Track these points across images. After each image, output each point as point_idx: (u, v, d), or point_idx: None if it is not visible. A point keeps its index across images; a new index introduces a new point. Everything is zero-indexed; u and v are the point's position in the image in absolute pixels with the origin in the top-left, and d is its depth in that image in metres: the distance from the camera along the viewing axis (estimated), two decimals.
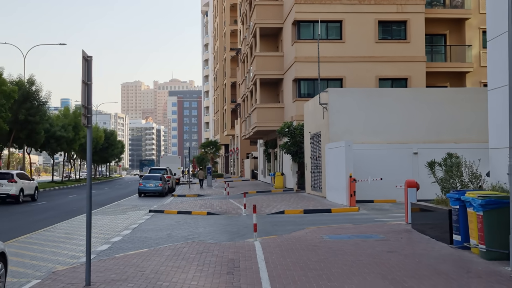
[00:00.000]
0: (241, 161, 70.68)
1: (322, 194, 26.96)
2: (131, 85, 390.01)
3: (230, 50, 78.97)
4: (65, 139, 54.33)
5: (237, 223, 18.25)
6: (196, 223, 18.43)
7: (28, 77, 41.93)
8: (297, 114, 35.39)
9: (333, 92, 25.82)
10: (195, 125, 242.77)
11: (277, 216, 19.92)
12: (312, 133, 29.16)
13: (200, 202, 27.34)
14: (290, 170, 36.66)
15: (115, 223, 19.33)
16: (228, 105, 78.07)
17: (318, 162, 27.88)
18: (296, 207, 22.05)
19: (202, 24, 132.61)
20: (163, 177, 38.58)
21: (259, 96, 40.92)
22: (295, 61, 35.41)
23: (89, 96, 8.49)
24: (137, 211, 24.81)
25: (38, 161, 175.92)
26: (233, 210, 22.62)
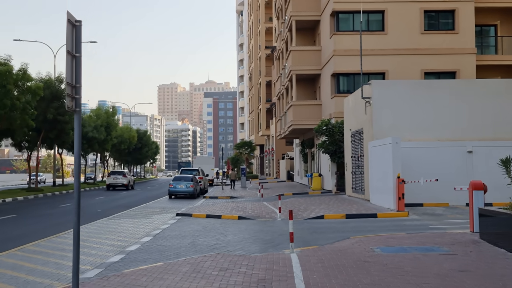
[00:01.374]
0: (277, 162, 68.59)
1: (364, 196, 24.67)
2: (167, 87, 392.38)
3: (265, 48, 76.97)
4: (96, 140, 53.24)
5: (271, 229, 16.21)
6: (225, 229, 16.46)
7: (62, 77, 40.81)
8: (336, 111, 33.12)
9: (376, 84, 23.52)
10: (230, 126, 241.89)
11: (316, 222, 17.79)
12: (353, 130, 26.89)
13: (231, 205, 25.41)
14: (328, 171, 34.41)
15: (136, 229, 17.53)
16: (263, 105, 76.09)
17: (360, 162, 25.61)
18: (337, 211, 19.86)
19: (237, 24, 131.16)
20: (195, 178, 36.83)
21: (295, 93, 38.78)
22: (333, 55, 33.15)
23: (78, 72, 6.59)
24: (164, 214, 23.03)
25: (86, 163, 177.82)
26: (267, 214, 20.58)
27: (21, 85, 31.60)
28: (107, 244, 13.85)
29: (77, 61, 6.61)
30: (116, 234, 16.05)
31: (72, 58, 6.57)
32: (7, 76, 29.24)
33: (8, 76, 29.41)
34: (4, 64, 29.65)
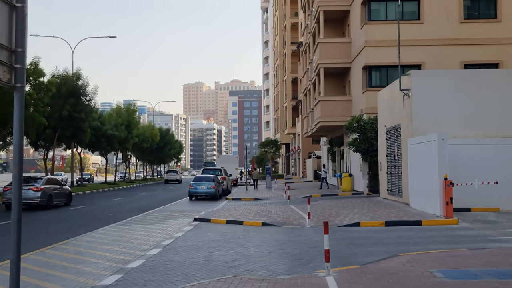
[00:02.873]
0: (303, 161, 66.22)
1: (402, 199, 22.23)
2: (192, 86, 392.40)
3: (290, 44, 74.73)
4: (116, 138, 51.52)
5: (300, 239, 13.96)
6: (247, 239, 14.27)
7: (79, 72, 39.14)
8: (367, 106, 30.68)
9: (417, 75, 21.04)
10: (255, 125, 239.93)
11: (352, 230, 15.47)
12: (389, 126, 24.46)
13: (255, 208, 23.21)
14: (359, 171, 31.97)
15: (146, 237, 15.45)
16: (289, 102, 73.83)
17: (396, 161, 23.16)
18: (374, 217, 17.50)
19: (262, 21, 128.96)
20: (217, 178, 34.70)
21: (323, 88, 36.40)
22: (365, 46, 30.69)
23: (19, 31, 4.43)
24: (181, 219, 20.94)
25: (100, 162, 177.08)
26: (294, 220, 18.32)
27: (33, 80, 29.81)
28: (107, 259, 11.78)
29: (19, 14, 4.48)
30: (121, 244, 13.97)
31: (10, 10, 4.44)
32: None
33: None
34: None
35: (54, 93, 37.07)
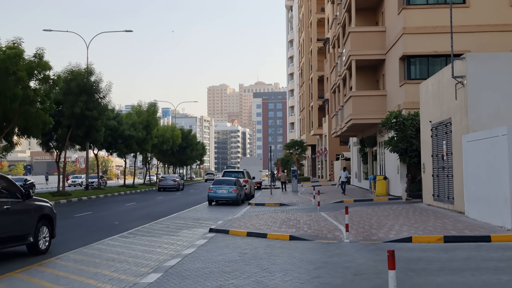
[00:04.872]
0: (330, 163, 62.96)
1: (454, 207, 18.98)
2: (217, 88, 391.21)
3: (316, 41, 71.64)
4: (134, 139, 48.94)
5: (339, 260, 10.90)
6: (271, 259, 11.26)
7: (91, 67, 36.63)
8: (406, 101, 27.44)
9: (473, 59, 17.77)
10: (280, 127, 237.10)
11: (403, 247, 12.33)
12: (435, 122, 21.22)
13: (281, 216, 20.19)
14: (396, 173, 28.70)
15: (149, 254, 12.57)
16: (315, 102, 70.65)
17: (445, 162, 19.91)
18: (427, 230, 14.33)
19: (286, 20, 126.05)
20: (238, 181, 31.75)
21: (354, 82, 33.21)
22: (403, 33, 27.45)
23: None
24: (195, 229, 18.05)
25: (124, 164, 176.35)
26: (328, 232, 15.25)
27: (37, 74, 27.25)
28: (91, 286, 8.92)
29: None
30: (114, 266, 11.10)
31: None
32: (16, 60, 24.88)
33: (18, 60, 25.05)
34: (13, 48, 25.34)
35: (65, 90, 34.69)
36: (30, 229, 12.19)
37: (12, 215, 11.62)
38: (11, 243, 11.67)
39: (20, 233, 11.88)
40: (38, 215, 12.56)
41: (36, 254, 12.40)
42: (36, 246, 12.36)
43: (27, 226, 12.12)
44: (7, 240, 11.49)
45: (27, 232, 12.10)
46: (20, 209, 11.99)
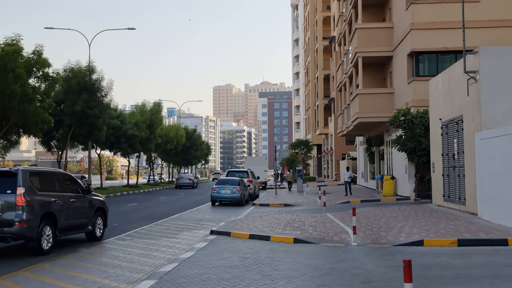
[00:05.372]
0: (336, 162, 62.18)
1: (466, 208, 18.20)
2: (222, 88, 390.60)
3: (322, 39, 70.89)
4: (138, 138, 48.29)
5: (346, 266, 10.17)
6: (274, 264, 10.54)
7: (92, 65, 35.98)
8: (414, 98, 26.66)
9: (486, 53, 16.99)
10: (285, 127, 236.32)
11: (415, 252, 11.59)
12: (445, 120, 20.45)
13: (286, 217, 19.47)
14: (404, 173, 27.92)
15: (145, 259, 11.88)
16: (321, 101, 69.88)
17: (457, 161, 19.14)
18: (439, 233, 13.58)
19: (292, 19, 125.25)
20: (242, 181, 31.06)
21: (361, 79, 32.44)
22: (411, 29, 26.68)
23: None
24: (196, 230, 17.38)
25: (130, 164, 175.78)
26: (334, 234, 14.51)
27: (36, 71, 26.62)
28: None
29: None
30: (106, 271, 10.42)
31: None
32: (14, 57, 24.25)
33: (16, 57, 24.42)
34: (12, 45, 24.71)
35: (66, 88, 34.11)
36: (89, 219, 14.48)
37: (76, 207, 13.84)
38: (77, 231, 14.02)
39: (82, 223, 14.13)
40: (95, 207, 14.86)
41: (93, 241, 14.66)
42: (93, 234, 14.69)
43: (87, 217, 14.39)
44: (74, 228, 13.80)
45: (87, 221, 14.37)
46: (82, 202, 14.22)
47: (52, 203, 12.72)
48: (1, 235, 11.82)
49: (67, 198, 13.44)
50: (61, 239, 14.63)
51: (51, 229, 12.60)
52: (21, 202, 11.76)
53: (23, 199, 11.79)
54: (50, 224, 12.59)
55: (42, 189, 12.62)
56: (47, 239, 12.45)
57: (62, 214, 13.04)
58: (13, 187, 11.90)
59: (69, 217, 13.35)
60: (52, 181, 13.33)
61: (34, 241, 12.07)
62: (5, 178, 12.16)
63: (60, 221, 12.96)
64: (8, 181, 12.03)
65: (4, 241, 12.11)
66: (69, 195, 13.60)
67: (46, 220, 12.40)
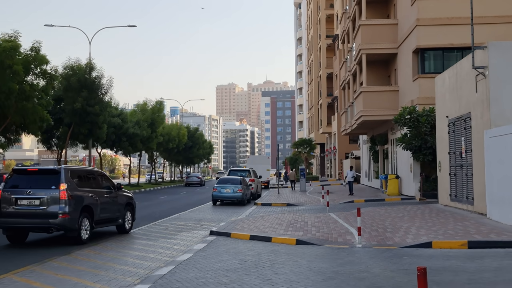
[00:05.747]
0: (339, 162, 61.58)
1: (474, 208, 17.64)
2: (225, 87, 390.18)
3: (325, 37, 70.23)
4: (139, 137, 47.79)
5: (351, 269, 9.64)
6: (275, 268, 10.01)
7: (92, 62, 35.47)
8: (420, 96, 26.09)
9: (496, 48, 16.42)
10: (288, 126, 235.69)
11: (423, 254, 11.05)
12: (452, 117, 19.88)
13: (288, 217, 18.94)
14: (409, 172, 27.36)
15: (140, 261, 11.39)
16: (324, 99, 69.29)
17: (464, 160, 18.58)
18: (447, 234, 13.03)
19: (295, 17, 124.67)
20: (244, 180, 30.54)
21: (365, 77, 31.87)
22: (416, 25, 26.10)
23: None
24: (196, 231, 16.87)
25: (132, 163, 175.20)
26: (338, 235, 13.97)
27: (34, 68, 26.12)
28: None
29: None
30: (99, 274, 9.92)
31: None
32: (12, 54, 23.75)
33: (14, 54, 23.93)
34: (9, 41, 24.21)
35: (66, 86, 33.63)
36: (120, 213, 15.86)
37: (109, 202, 15.22)
38: (109, 223, 15.46)
39: (114, 216, 15.53)
40: (124, 202, 16.21)
41: (123, 233, 16.04)
42: (123, 227, 16.11)
43: (118, 211, 15.75)
44: (107, 221, 15.23)
45: (118, 215, 15.75)
46: (113, 198, 15.56)
47: (89, 198, 14.15)
48: (46, 225, 13.30)
49: (101, 193, 14.91)
50: (51, 238, 14.12)
51: (88, 221, 14.06)
52: (64, 196, 13.19)
53: (66, 194, 13.21)
54: (88, 216, 14.03)
55: (81, 185, 14.05)
56: (85, 230, 13.85)
57: (97, 208, 14.48)
58: (56, 183, 13.28)
59: (103, 210, 14.82)
60: (88, 178, 14.79)
61: (75, 232, 13.48)
62: (49, 176, 13.59)
63: (96, 214, 14.41)
64: (52, 178, 13.43)
65: (49, 231, 13.67)
66: (103, 191, 15.05)
67: (84, 213, 13.84)
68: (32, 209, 13.23)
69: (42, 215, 13.18)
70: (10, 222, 13.39)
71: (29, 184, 13.43)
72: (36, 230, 13.91)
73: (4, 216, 13.34)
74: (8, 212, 13.31)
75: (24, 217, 13.27)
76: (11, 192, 13.39)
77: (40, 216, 13.19)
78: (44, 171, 14.02)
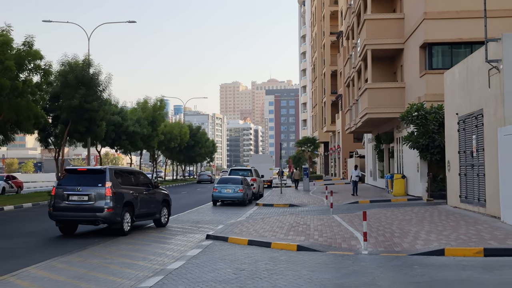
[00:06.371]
0: (343, 160, 60.59)
1: (486, 210, 16.67)
2: (229, 86, 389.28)
3: (329, 34, 69.24)
4: (139, 135, 46.89)
5: (357, 283, 8.69)
6: (273, 280, 9.07)
7: (89, 58, 34.57)
8: (427, 93, 25.12)
9: (511, 40, 15.44)
10: (292, 124, 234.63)
11: (435, 263, 10.09)
12: (462, 114, 18.90)
13: (289, 220, 18.01)
14: (416, 172, 26.38)
15: (127, 269, 10.46)
16: (328, 97, 68.29)
17: (476, 159, 17.60)
18: (460, 240, 12.06)
19: (299, 15, 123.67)
20: (245, 180, 29.62)
21: (370, 73, 30.88)
22: (424, 19, 25.12)
23: None
24: (191, 234, 15.96)
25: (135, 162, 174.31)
26: (342, 240, 13.03)
27: (27, 63, 25.23)
28: None
29: None
30: (79, 286, 9.00)
31: None
32: (4, 49, 22.88)
33: (5, 49, 23.05)
34: (0, 35, 23.33)
35: (63, 82, 32.75)
36: (157, 209, 17.42)
37: (147, 198, 16.84)
38: (148, 217, 17.12)
39: (152, 211, 17.11)
40: (161, 199, 17.74)
41: (160, 227, 17.60)
42: (160, 221, 17.69)
43: (155, 206, 17.31)
44: (146, 215, 16.88)
45: (156, 211, 17.34)
46: (151, 194, 17.15)
47: (130, 195, 15.76)
48: (94, 219, 15.01)
49: (141, 190, 16.53)
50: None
51: (129, 215, 15.72)
52: (109, 193, 14.85)
53: (110, 191, 14.87)
54: (129, 211, 15.69)
55: (123, 183, 15.69)
56: (127, 223, 15.55)
57: (137, 203, 16.10)
58: (102, 181, 14.96)
59: (142, 206, 16.42)
60: (129, 177, 16.46)
61: (118, 224, 15.17)
62: (96, 175, 15.27)
63: (136, 209, 16.05)
64: (99, 177, 15.10)
65: (95, 223, 15.36)
66: (142, 189, 16.71)
67: (126, 208, 15.50)
68: (82, 204, 14.97)
69: (90, 209, 14.91)
70: (62, 215, 15.15)
71: (79, 182, 15.12)
72: (85, 222, 15.53)
73: (58, 210, 15.11)
74: (61, 206, 15.07)
75: (74, 211, 15.01)
76: (64, 189, 15.13)
77: (88, 210, 14.92)
78: (91, 170, 15.74)
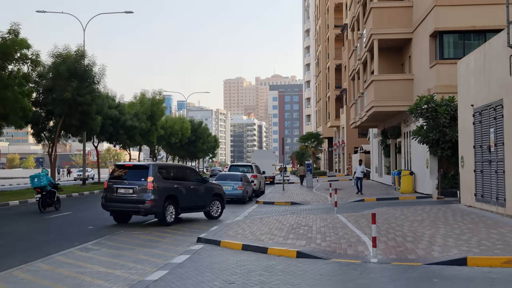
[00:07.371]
0: (348, 156, 59.09)
1: (506, 211, 15.16)
2: (233, 81, 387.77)
3: (334, 27, 67.64)
4: (137, 130, 45.49)
5: None
6: None
7: (83, 50, 33.17)
8: (438, 84, 23.59)
9: None
10: (296, 120, 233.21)
11: (457, 275, 8.61)
12: (478, 106, 17.38)
13: (290, 220, 16.54)
14: (425, 168, 24.86)
15: (100, 281, 9.07)
16: (332, 92, 66.76)
17: (494, 154, 16.09)
18: (483, 246, 10.59)
19: (302, 9, 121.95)
20: (245, 177, 28.15)
21: (376, 64, 29.33)
22: (435, 5, 23.58)
23: None
24: (181, 236, 14.54)
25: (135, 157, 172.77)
26: (348, 245, 11.56)
27: (14, 53, 23.80)
28: None
29: None
30: None
31: None
32: None
33: None
34: None
35: (55, 75, 31.36)
36: (207, 202, 18.50)
37: (194, 192, 17.97)
38: (196, 210, 18.33)
39: (200, 204, 18.24)
40: (212, 193, 18.78)
41: (211, 219, 18.57)
42: (210, 214, 18.75)
43: (206, 200, 18.43)
44: (193, 208, 18.07)
45: (206, 204, 18.44)
46: (200, 189, 18.28)
47: (174, 188, 16.97)
48: (137, 210, 16.38)
49: (187, 185, 17.69)
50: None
51: (173, 208, 16.84)
52: (150, 187, 16.19)
53: (152, 185, 16.19)
54: (173, 203, 16.82)
55: (166, 178, 16.92)
56: (170, 214, 16.67)
57: (182, 196, 17.18)
58: (145, 176, 16.33)
59: (188, 199, 17.51)
60: (174, 172, 17.72)
61: (159, 215, 16.43)
62: (141, 170, 16.67)
63: (181, 202, 17.12)
64: (143, 172, 16.50)
65: (139, 214, 16.62)
66: (189, 183, 17.85)
67: (169, 200, 16.63)
68: (127, 196, 16.42)
69: (134, 201, 16.29)
70: (112, 206, 16.72)
71: (126, 176, 16.69)
72: (131, 213, 16.96)
73: (108, 201, 16.73)
74: (111, 197, 16.66)
75: (121, 202, 16.50)
76: (113, 183, 16.72)
77: (133, 202, 16.32)
78: (137, 166, 17.24)
